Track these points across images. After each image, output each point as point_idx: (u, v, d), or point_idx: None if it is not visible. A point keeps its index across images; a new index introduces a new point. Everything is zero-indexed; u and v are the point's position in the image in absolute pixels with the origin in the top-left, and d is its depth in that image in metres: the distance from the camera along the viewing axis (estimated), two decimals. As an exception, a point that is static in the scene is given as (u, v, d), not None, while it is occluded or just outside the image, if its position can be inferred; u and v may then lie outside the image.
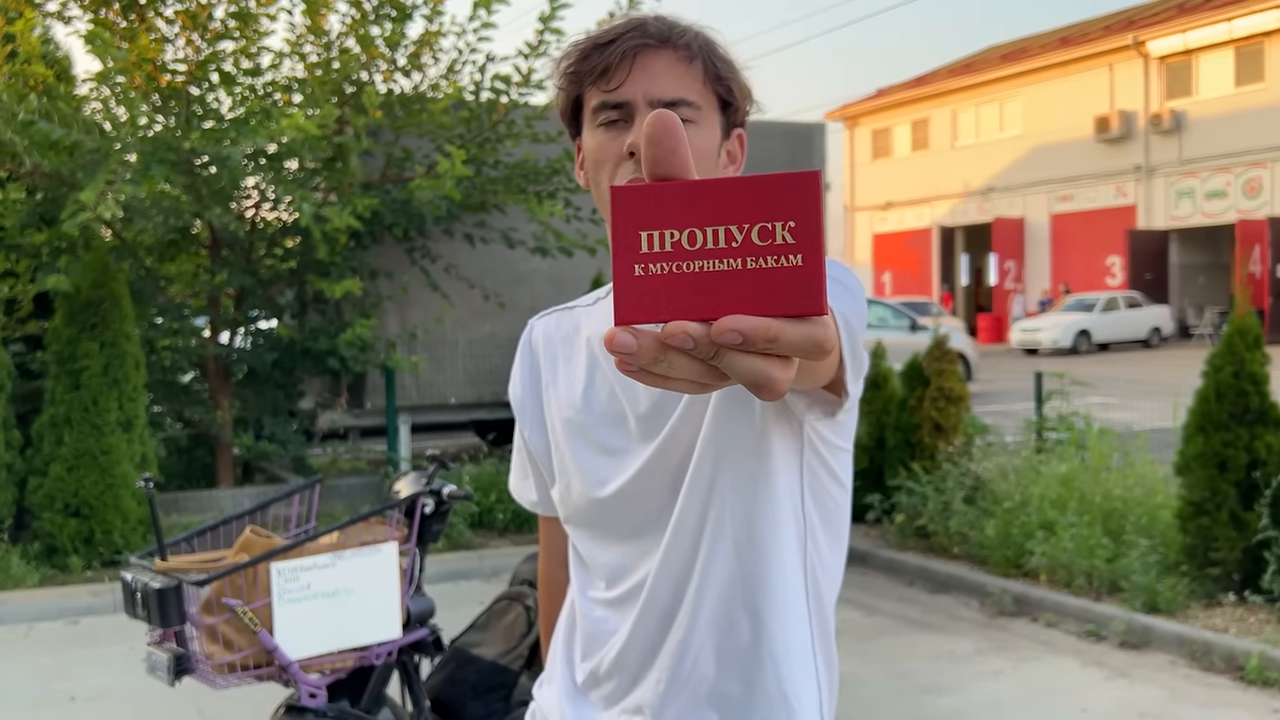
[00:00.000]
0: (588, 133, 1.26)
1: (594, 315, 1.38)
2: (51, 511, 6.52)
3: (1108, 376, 12.96)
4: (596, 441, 1.32)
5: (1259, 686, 4.62)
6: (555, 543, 1.52)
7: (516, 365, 1.47)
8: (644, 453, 1.28)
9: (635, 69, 1.20)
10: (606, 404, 1.32)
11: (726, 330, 0.54)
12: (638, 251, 0.56)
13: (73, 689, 4.86)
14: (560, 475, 1.38)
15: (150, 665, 2.82)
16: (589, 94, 1.24)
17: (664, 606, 1.29)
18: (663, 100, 1.20)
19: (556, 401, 1.38)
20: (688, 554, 1.26)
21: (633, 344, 0.55)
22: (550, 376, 1.40)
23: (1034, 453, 6.92)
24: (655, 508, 1.28)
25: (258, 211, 8.10)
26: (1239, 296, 5.59)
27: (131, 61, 6.54)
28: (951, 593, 6.18)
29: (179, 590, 2.69)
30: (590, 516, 1.34)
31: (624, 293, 0.56)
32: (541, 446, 1.43)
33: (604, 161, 1.23)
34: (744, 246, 0.55)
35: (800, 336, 0.55)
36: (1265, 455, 5.24)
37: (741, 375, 0.55)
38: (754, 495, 1.25)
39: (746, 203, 0.55)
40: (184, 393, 8.18)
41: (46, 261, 7.31)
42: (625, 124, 1.22)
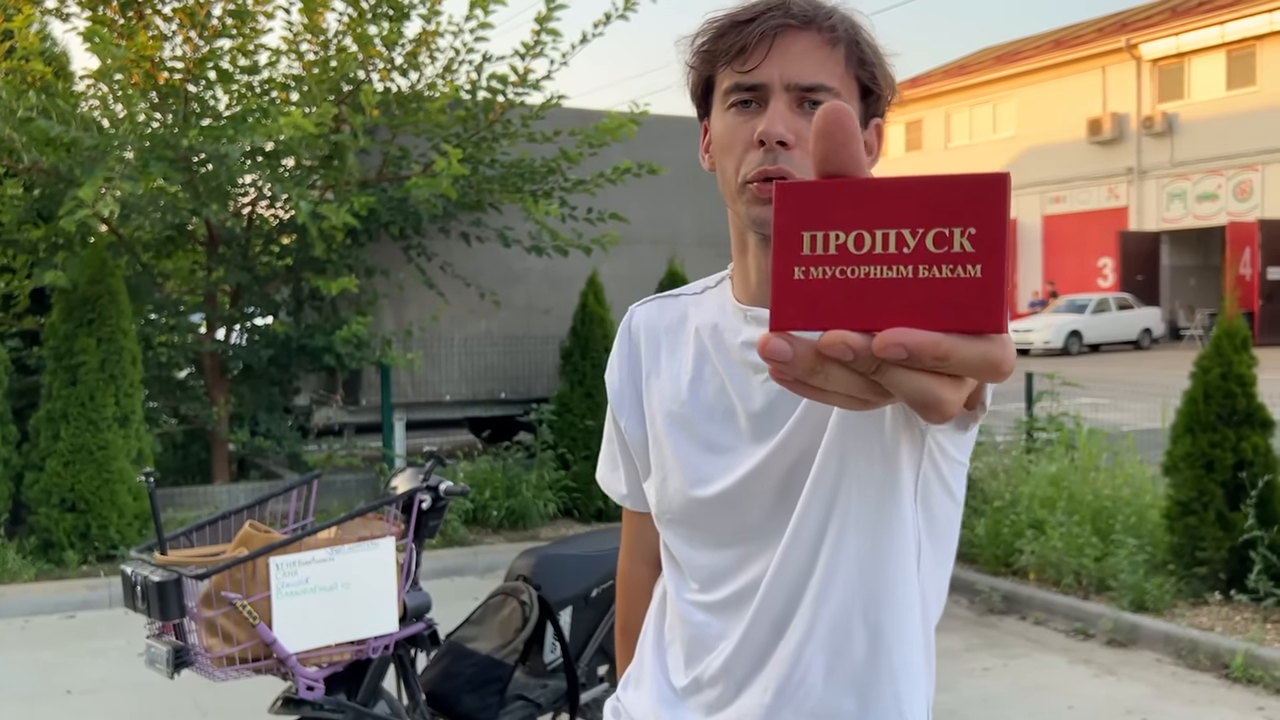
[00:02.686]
0: (717, 115, 1.19)
1: (703, 305, 1.31)
2: (48, 506, 6.53)
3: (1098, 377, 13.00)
4: (701, 437, 1.25)
5: (1244, 684, 4.66)
6: (641, 539, 1.45)
7: (615, 352, 1.39)
8: (755, 454, 1.20)
9: (774, 50, 1.12)
10: (715, 398, 1.25)
11: (891, 344, 0.49)
12: (799, 253, 0.53)
13: (69, 682, 4.88)
14: (658, 470, 1.31)
15: (150, 658, 2.84)
16: (722, 74, 1.17)
17: (777, 615, 1.21)
18: (801, 85, 1.13)
19: (659, 392, 1.31)
20: (806, 562, 1.19)
21: (788, 352, 0.52)
22: (652, 365, 1.33)
23: (1024, 452, 6.96)
24: (761, 512, 1.21)
25: (255, 209, 8.11)
26: (1228, 299, 5.63)
27: (130, 59, 6.56)
28: (942, 591, 6.22)
29: (179, 583, 2.72)
30: (688, 516, 1.27)
31: (782, 297, 0.53)
32: (639, 437, 1.35)
33: (732, 147, 1.17)
34: (916, 253, 0.51)
35: (975, 356, 0.50)
36: (1252, 456, 5.28)
37: (906, 394, 0.51)
38: (880, 506, 1.17)
39: (922, 206, 0.51)
40: (180, 388, 8.20)
41: (44, 257, 7.32)
42: (759, 107, 1.14)
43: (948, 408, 0.52)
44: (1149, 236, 28.85)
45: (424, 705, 3.13)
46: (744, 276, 1.24)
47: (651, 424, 1.32)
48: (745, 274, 1.24)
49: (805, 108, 1.13)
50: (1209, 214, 27.76)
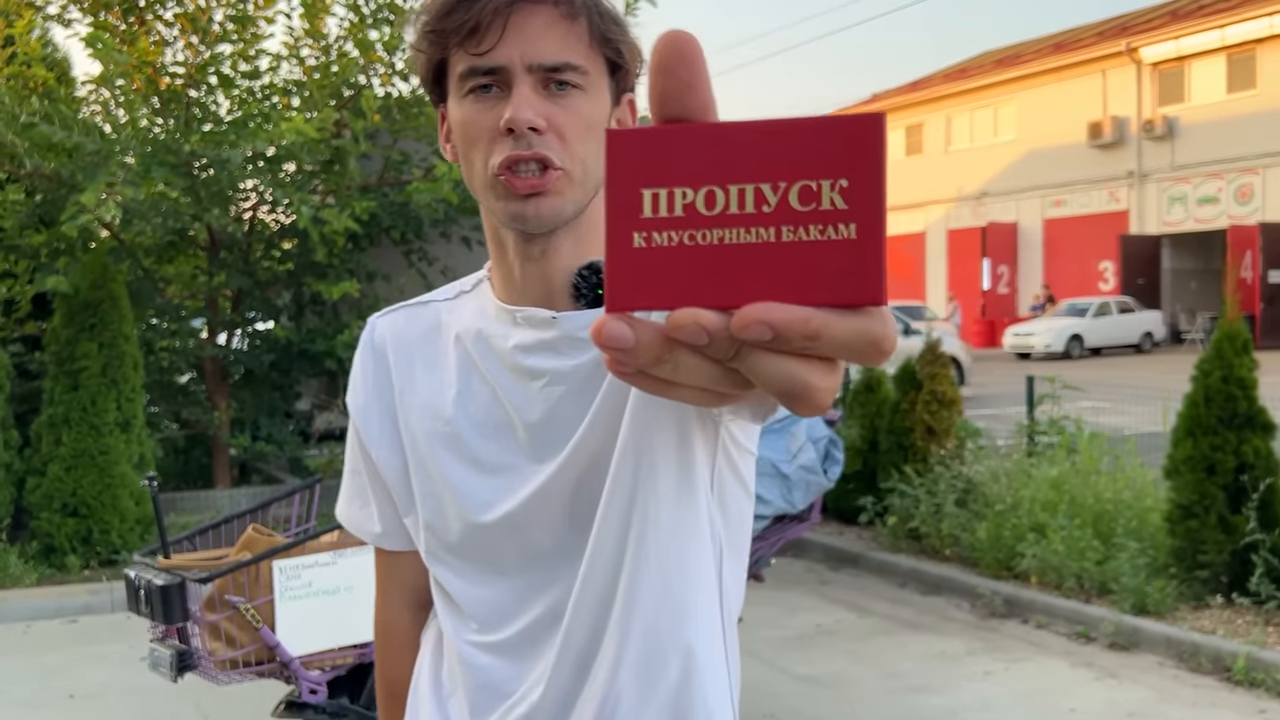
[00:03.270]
0: (454, 102, 1.07)
1: (460, 310, 1.17)
2: (50, 511, 6.54)
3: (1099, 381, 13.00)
4: (474, 458, 1.11)
5: (1245, 687, 4.67)
6: (399, 582, 1.24)
7: (357, 371, 1.22)
8: (539, 471, 1.08)
9: (510, 28, 1.01)
10: (486, 412, 1.11)
11: (753, 322, 0.42)
12: (638, 216, 0.44)
13: (71, 687, 4.88)
14: (425, 500, 1.15)
15: (153, 661, 2.85)
16: (455, 57, 1.05)
17: (581, 649, 1.08)
18: (545, 65, 1.02)
19: (417, 411, 1.15)
20: (608, 585, 1.06)
21: (629, 337, 0.43)
22: (406, 382, 1.17)
23: (1025, 456, 6.97)
24: (550, 535, 1.09)
25: (256, 214, 8.13)
26: (1229, 302, 5.64)
27: (131, 64, 6.58)
28: (943, 594, 6.23)
29: (182, 587, 2.73)
30: (465, 546, 1.12)
31: (619, 270, 0.44)
32: (395, 465, 1.18)
33: (477, 138, 1.05)
34: (779, 212, 0.43)
35: (850, 333, 0.43)
36: (1253, 459, 5.28)
37: (770, 381, 0.43)
38: (678, 509, 1.06)
39: (785, 155, 0.43)
40: (182, 393, 8.21)
41: (45, 262, 7.34)
42: (501, 92, 1.03)
43: (820, 396, 0.44)
44: (1150, 240, 28.87)
45: (426, 709, 3.13)
46: (506, 275, 1.12)
47: (412, 448, 1.16)
48: (507, 273, 1.12)
49: (552, 89, 1.03)
50: (1210, 217, 27.78)
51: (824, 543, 7.11)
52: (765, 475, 4.18)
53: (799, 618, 5.81)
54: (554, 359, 1.07)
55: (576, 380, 1.06)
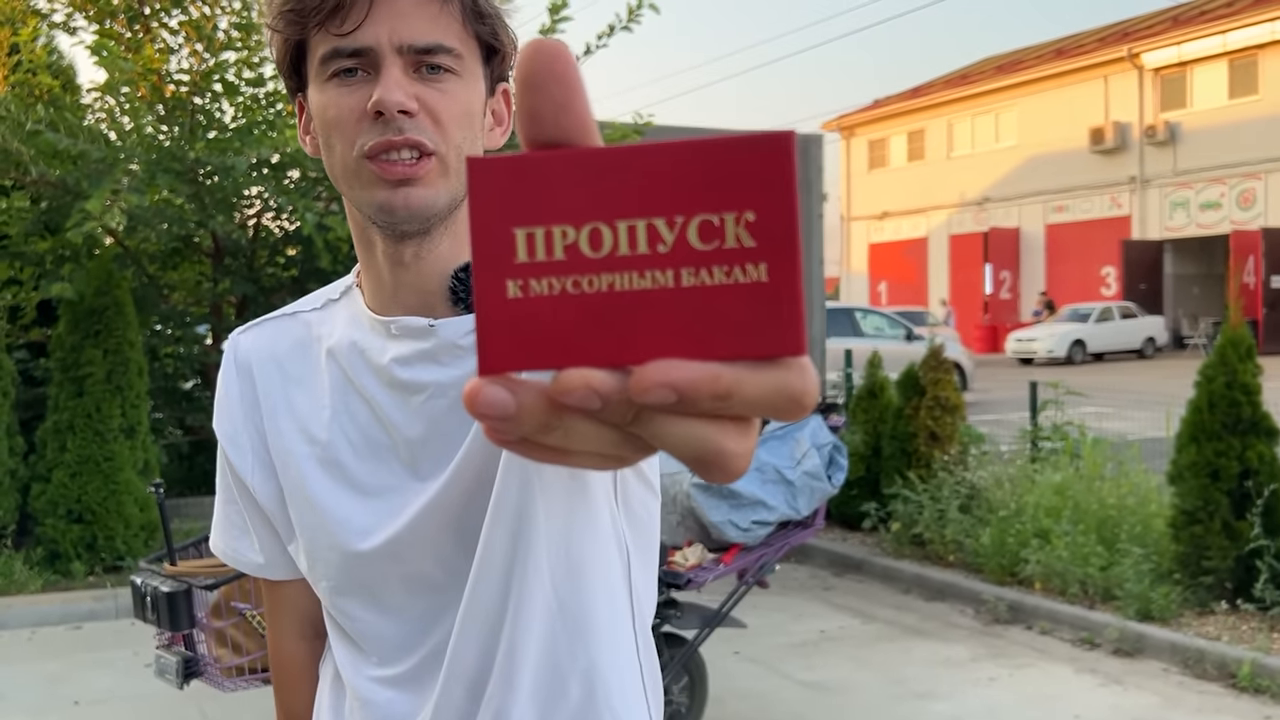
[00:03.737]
0: (315, 88, 0.99)
1: (330, 320, 1.08)
2: (55, 517, 6.54)
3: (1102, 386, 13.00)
4: (353, 480, 1.03)
5: (1251, 694, 4.66)
6: (291, 611, 1.16)
7: (222, 392, 1.12)
8: (423, 491, 1.00)
9: (376, 7, 0.94)
10: (364, 431, 1.03)
11: (653, 385, 0.36)
12: (511, 261, 0.38)
13: (76, 693, 4.89)
14: (304, 528, 1.06)
15: (159, 668, 2.85)
16: (316, 39, 0.97)
17: (471, 677, 1.01)
18: (416, 46, 0.95)
19: (289, 433, 1.07)
20: (495, 607, 1.00)
21: (508, 403, 0.37)
22: (275, 401, 1.08)
23: (1029, 462, 6.96)
24: (437, 559, 1.01)
25: (260, 220, 8.14)
26: (1232, 307, 5.63)
27: (137, 72, 6.59)
28: (947, 600, 6.22)
29: (188, 594, 2.73)
30: (350, 577, 1.04)
31: (492, 326, 0.38)
32: (271, 492, 1.09)
33: (339, 123, 0.96)
34: (677, 252, 0.37)
35: (766, 389, 0.37)
36: (1257, 465, 5.28)
37: (677, 448, 0.38)
38: (571, 518, 1.00)
39: (681, 183, 0.37)
40: (186, 399, 8.22)
41: (50, 269, 7.35)
42: (366, 75, 0.95)
43: (734, 462, 0.38)
44: (1152, 245, 28.86)
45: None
46: (376, 280, 1.04)
47: (284, 473, 1.07)
48: (377, 276, 1.03)
49: (423, 73, 0.96)
50: (1212, 223, 27.77)
51: (828, 549, 7.11)
52: (770, 481, 4.18)
53: (803, 624, 5.81)
54: (434, 370, 1.00)
55: (460, 391, 0.95)
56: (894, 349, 13.63)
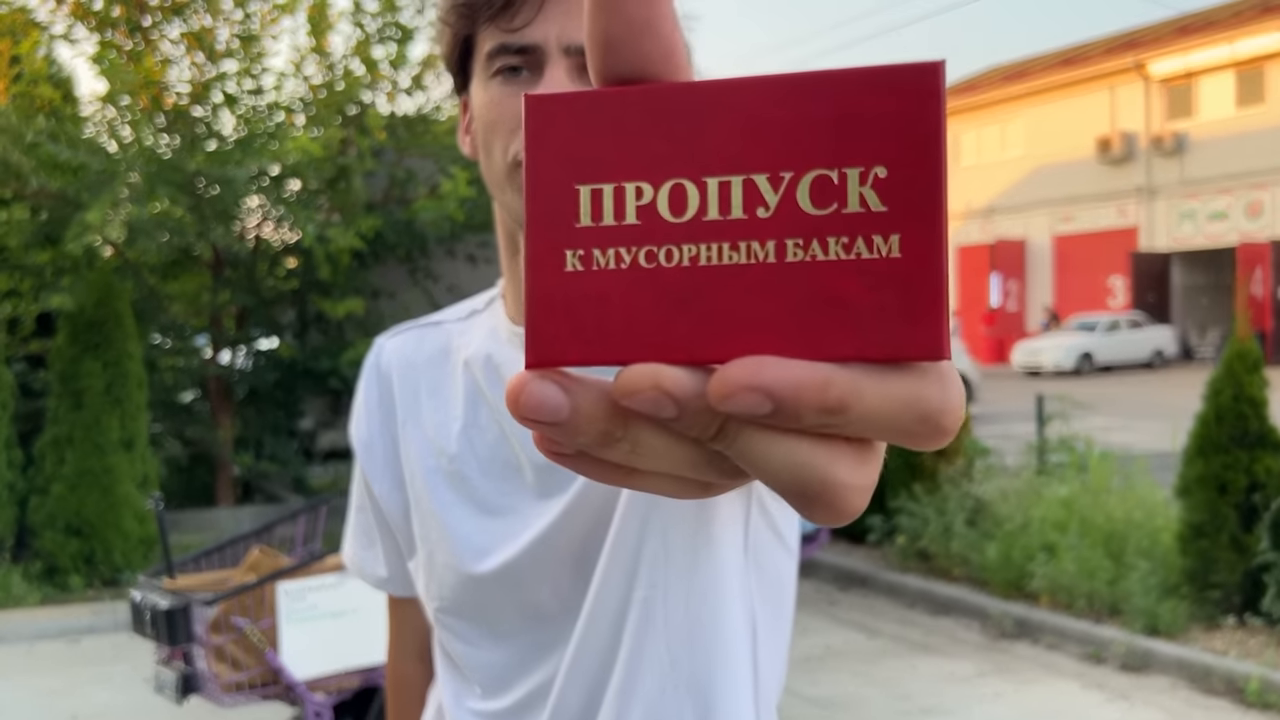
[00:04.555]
0: (479, 85, 0.96)
1: (470, 331, 1.06)
2: (53, 531, 6.56)
3: (1110, 398, 13.00)
4: (477, 498, 1.00)
5: (1259, 709, 4.65)
6: (412, 631, 1.15)
7: (362, 398, 1.11)
8: (544, 515, 0.96)
9: (549, 4, 0.91)
10: (493, 448, 1.00)
11: (740, 388, 0.28)
12: (572, 225, 0.30)
13: (74, 708, 4.89)
14: (424, 543, 1.04)
15: (158, 684, 2.86)
16: (484, 34, 0.94)
17: (575, 717, 0.97)
18: (582, 46, 0.89)
19: (418, 444, 1.05)
20: (605, 652, 0.95)
21: (561, 405, 0.30)
22: (409, 412, 1.07)
23: (1035, 475, 6.96)
24: (553, 589, 0.97)
25: (260, 231, 8.17)
26: (1239, 319, 5.64)
27: (137, 83, 6.63)
28: (953, 615, 6.21)
29: (187, 610, 2.74)
30: (464, 600, 1.01)
31: (545, 307, 0.31)
32: (397, 503, 1.08)
33: (499, 123, 0.93)
34: (781, 217, 0.29)
35: (893, 403, 0.29)
36: (1265, 478, 5.28)
37: (773, 474, 0.29)
38: (695, 567, 0.94)
39: (792, 128, 0.29)
40: (185, 412, 8.24)
41: (50, 281, 7.38)
42: (531, 75, 0.92)
43: (848, 497, 0.30)
44: (1160, 256, 28.87)
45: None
46: (519, 289, 0.98)
47: (411, 485, 1.05)
48: (520, 286, 0.98)
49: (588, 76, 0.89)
50: (1220, 233, 27.78)
51: (833, 563, 7.11)
52: (773, 495, 4.19)
53: (808, 639, 5.80)
54: None
55: None
56: (899, 361, 13.60)
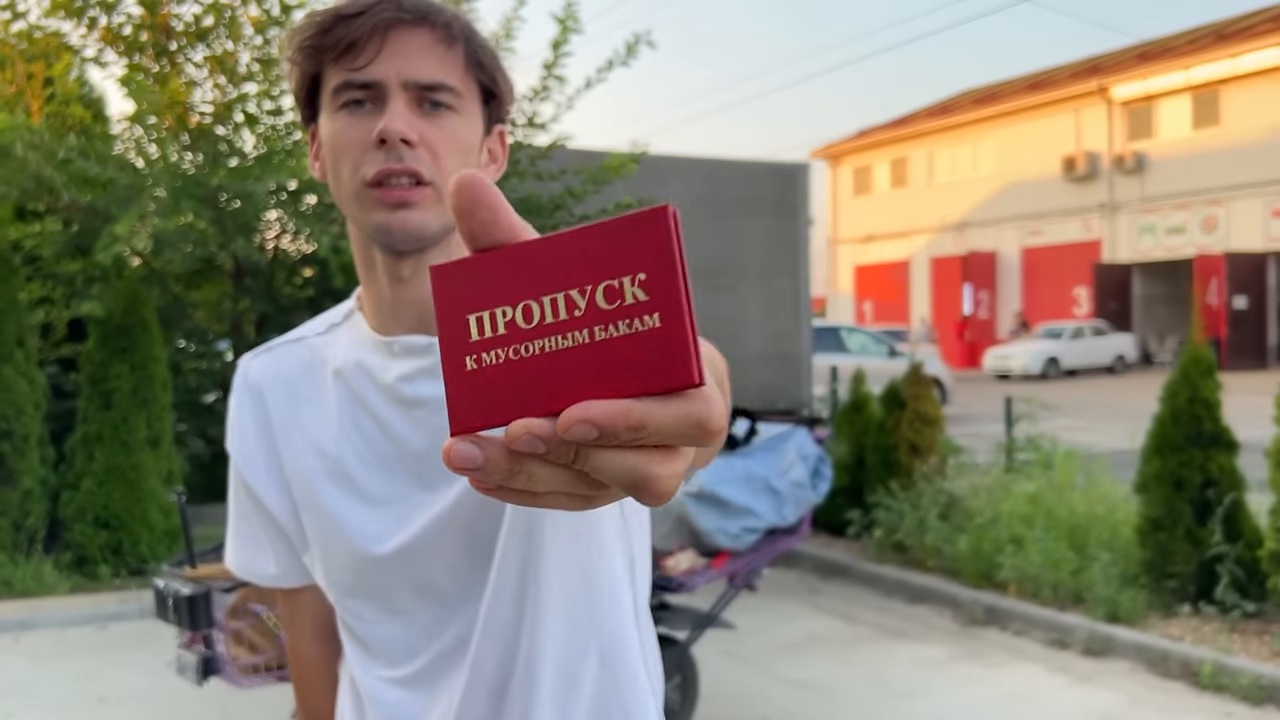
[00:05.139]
0: (326, 117, 1.02)
1: (336, 343, 1.10)
2: (82, 523, 6.54)
3: (1074, 401, 13.01)
4: (362, 491, 1.05)
5: (1212, 692, 4.66)
6: (308, 615, 1.17)
7: (235, 414, 1.14)
8: (432, 501, 1.02)
9: (387, 46, 0.97)
10: (372, 445, 1.05)
11: (574, 422, 0.40)
12: (467, 341, 0.44)
13: (102, 691, 4.88)
14: (317, 537, 1.08)
15: (179, 666, 2.85)
16: (330, 72, 1.00)
17: (494, 686, 1.03)
18: (421, 83, 0.98)
19: (302, 449, 1.08)
20: (513, 618, 1.02)
21: (478, 456, 0.42)
22: (287, 422, 1.10)
23: (1004, 472, 6.97)
24: (451, 566, 1.03)
25: (278, 243, 8.16)
26: (1195, 327, 5.66)
27: (163, 104, 6.62)
28: (927, 603, 6.22)
29: (208, 596, 2.73)
30: (361, 581, 1.06)
31: (457, 394, 0.44)
32: (285, 507, 1.11)
33: (348, 149, 0.99)
34: (589, 314, 0.42)
35: (673, 418, 0.41)
36: (1218, 475, 5.29)
37: (613, 477, 0.42)
38: (578, 535, 1.03)
39: (587, 260, 0.43)
40: (208, 412, 8.22)
41: (80, 289, 7.37)
42: (374, 107, 0.98)
43: (662, 484, 0.42)
44: (1121, 268, 28.92)
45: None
46: (377, 298, 1.06)
47: (297, 486, 1.09)
48: (378, 294, 1.06)
49: (425, 108, 0.99)
50: (1178, 246, 27.84)
51: (814, 554, 7.11)
52: (759, 491, 4.19)
53: (791, 626, 5.80)
54: (436, 386, 1.02)
55: None
56: (877, 365, 13.64)
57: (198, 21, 7.14)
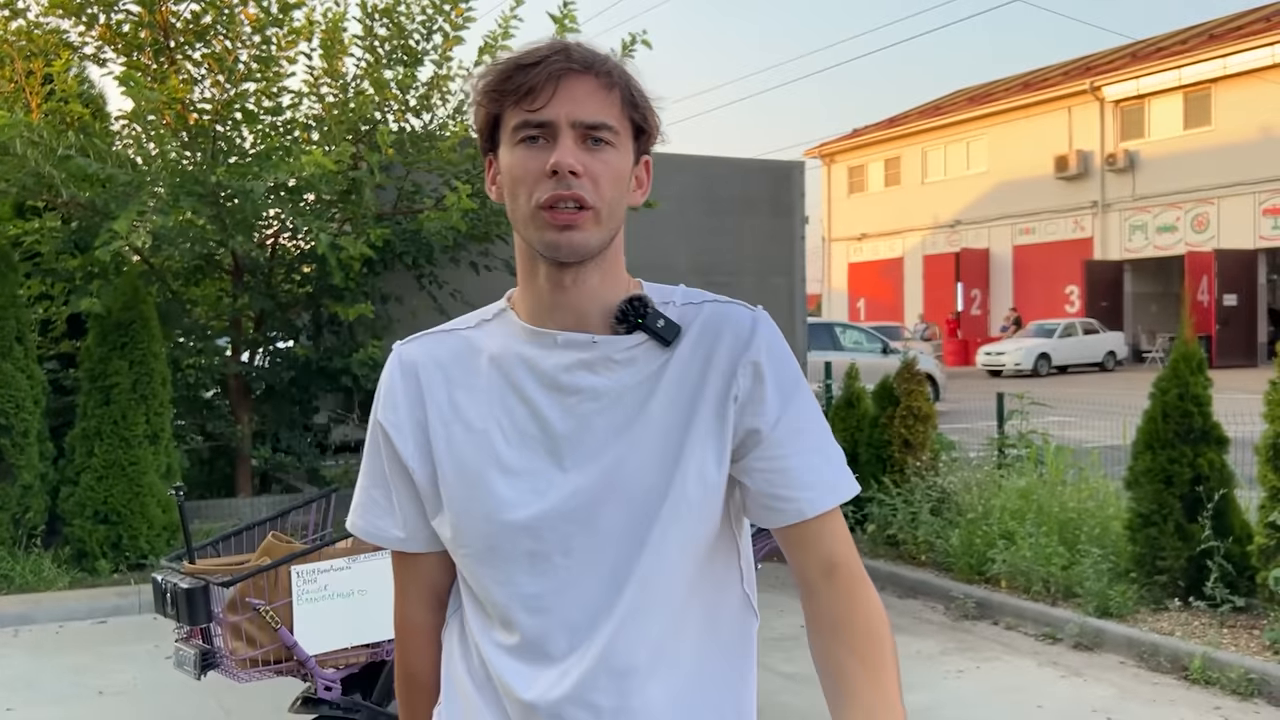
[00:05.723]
0: (506, 150, 1.18)
1: (490, 336, 1.24)
2: (82, 518, 6.53)
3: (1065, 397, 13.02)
4: (503, 462, 1.18)
5: (1201, 685, 4.67)
6: (421, 582, 1.29)
7: (390, 391, 1.25)
8: (566, 479, 1.16)
9: (559, 91, 1.14)
10: (516, 423, 1.19)
11: None
12: None
13: (101, 684, 4.87)
14: (454, 501, 1.20)
15: (178, 660, 2.85)
16: (509, 113, 1.16)
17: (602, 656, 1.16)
18: (585, 123, 1.14)
19: (451, 423, 1.21)
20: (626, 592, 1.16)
21: None
22: (439, 398, 1.22)
23: (996, 468, 6.97)
24: (573, 541, 1.16)
25: (277, 240, 8.15)
26: (1185, 324, 5.66)
27: (162, 101, 6.60)
28: (919, 597, 6.23)
29: (206, 591, 2.73)
30: (492, 545, 1.18)
31: None
32: (426, 475, 1.22)
33: (524, 177, 1.15)
34: None
35: None
36: (1208, 471, 5.30)
37: None
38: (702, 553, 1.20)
39: None
40: (207, 408, 8.21)
41: (80, 285, 7.35)
42: (546, 142, 1.14)
43: None
44: (1113, 265, 28.96)
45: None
46: (536, 302, 1.20)
47: (441, 455, 1.21)
48: (538, 299, 1.20)
49: (588, 144, 1.15)
50: (1168, 244, 27.87)
51: (808, 549, 7.10)
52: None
53: (784, 619, 5.81)
54: (590, 377, 1.17)
55: (610, 398, 1.17)
56: (871, 362, 13.65)
57: (196, 19, 7.13)
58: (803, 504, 1.19)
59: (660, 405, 1.17)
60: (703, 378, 1.18)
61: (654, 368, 1.18)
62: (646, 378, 1.18)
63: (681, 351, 1.19)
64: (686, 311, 1.21)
